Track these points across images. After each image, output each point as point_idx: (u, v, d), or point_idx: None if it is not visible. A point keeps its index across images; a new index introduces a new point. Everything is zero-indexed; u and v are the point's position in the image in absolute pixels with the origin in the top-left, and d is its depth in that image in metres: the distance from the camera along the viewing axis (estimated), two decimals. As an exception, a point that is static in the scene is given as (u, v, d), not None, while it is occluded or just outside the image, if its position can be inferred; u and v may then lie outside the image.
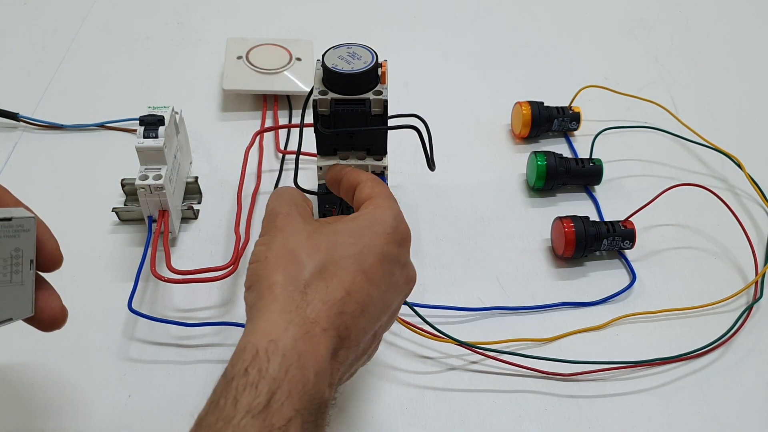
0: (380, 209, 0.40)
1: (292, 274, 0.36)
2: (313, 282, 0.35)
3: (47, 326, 0.38)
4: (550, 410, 0.46)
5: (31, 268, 0.36)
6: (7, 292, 0.35)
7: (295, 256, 0.36)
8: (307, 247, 0.37)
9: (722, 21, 0.83)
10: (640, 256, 0.56)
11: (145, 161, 0.52)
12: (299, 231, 0.38)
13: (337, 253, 0.37)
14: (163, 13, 0.81)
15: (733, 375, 0.48)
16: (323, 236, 0.38)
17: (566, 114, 0.65)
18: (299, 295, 0.35)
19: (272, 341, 0.33)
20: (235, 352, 0.33)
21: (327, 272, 0.36)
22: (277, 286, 0.35)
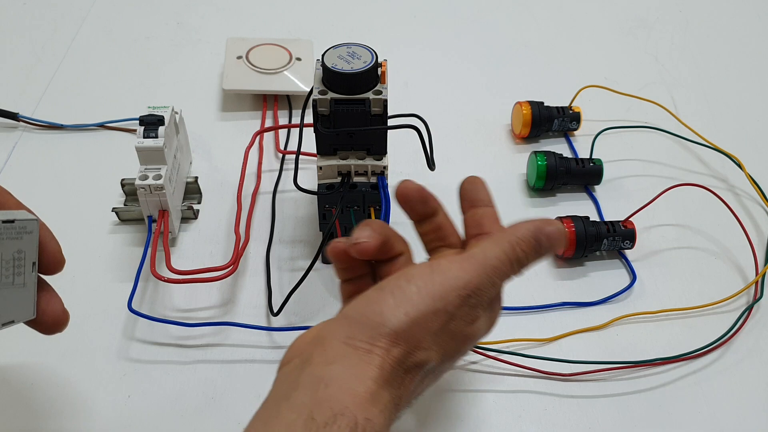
0: (495, 311, 0.38)
1: (408, 354, 0.33)
2: (417, 373, 0.33)
3: (48, 329, 0.38)
4: (551, 410, 0.46)
5: (33, 270, 0.36)
6: (9, 294, 0.35)
7: (423, 338, 0.33)
8: (437, 335, 0.34)
9: (722, 21, 0.83)
10: (641, 256, 0.56)
11: (145, 161, 0.52)
12: (450, 313, 0.34)
13: (447, 361, 0.35)
14: (163, 13, 0.81)
15: (734, 375, 0.48)
16: (453, 335, 0.35)
17: (566, 114, 0.65)
18: (400, 377, 0.33)
19: (369, 421, 0.30)
20: (327, 405, 0.30)
21: (429, 371, 0.34)
22: (390, 354, 0.32)
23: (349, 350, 0.32)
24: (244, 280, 0.53)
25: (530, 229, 0.37)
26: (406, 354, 0.33)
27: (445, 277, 0.35)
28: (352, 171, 0.50)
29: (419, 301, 0.33)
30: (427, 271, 0.35)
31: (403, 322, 0.33)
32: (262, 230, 0.56)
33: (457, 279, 0.35)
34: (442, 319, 0.34)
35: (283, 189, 0.60)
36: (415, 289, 0.34)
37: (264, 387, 0.33)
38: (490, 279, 0.35)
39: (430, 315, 0.33)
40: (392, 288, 0.34)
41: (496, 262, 0.36)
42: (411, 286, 0.34)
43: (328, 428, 0.29)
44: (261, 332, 0.50)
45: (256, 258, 0.55)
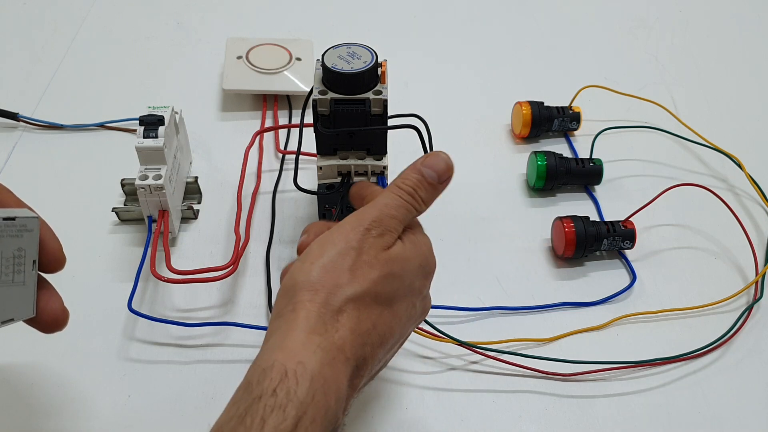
0: (417, 242, 0.40)
1: (330, 295, 0.35)
2: (347, 309, 0.35)
3: (48, 328, 0.38)
4: (551, 410, 0.46)
5: (34, 268, 0.36)
6: (9, 293, 0.35)
7: (339, 276, 0.36)
8: (354, 269, 0.36)
9: (722, 21, 0.83)
10: (641, 256, 0.56)
11: (145, 161, 0.52)
12: (355, 247, 0.37)
13: (376, 287, 0.36)
14: (163, 13, 0.81)
15: (734, 375, 0.48)
16: (370, 262, 0.37)
17: (566, 114, 0.65)
18: (331, 319, 0.34)
19: (301, 363, 0.32)
20: (259, 366, 0.33)
21: (361, 302, 0.36)
22: (312, 303, 0.35)
23: (280, 321, 0.35)
24: (244, 280, 0.53)
25: (410, 168, 0.41)
26: (327, 296, 0.35)
27: (340, 227, 0.38)
28: (352, 171, 0.50)
29: (321, 252, 0.36)
30: (332, 230, 0.38)
31: (311, 273, 0.35)
32: (262, 230, 0.56)
33: (351, 222, 0.38)
34: (350, 255, 0.36)
35: (283, 189, 0.60)
36: (317, 246, 0.37)
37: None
38: (384, 212, 0.38)
39: (335, 256, 0.36)
40: (301, 255, 0.37)
41: (387, 200, 0.39)
42: (313, 245, 0.37)
43: (260, 384, 0.32)
44: (261, 332, 0.50)
45: (256, 258, 0.55)
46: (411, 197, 0.40)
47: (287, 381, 0.32)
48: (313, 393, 0.32)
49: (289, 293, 0.35)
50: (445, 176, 0.41)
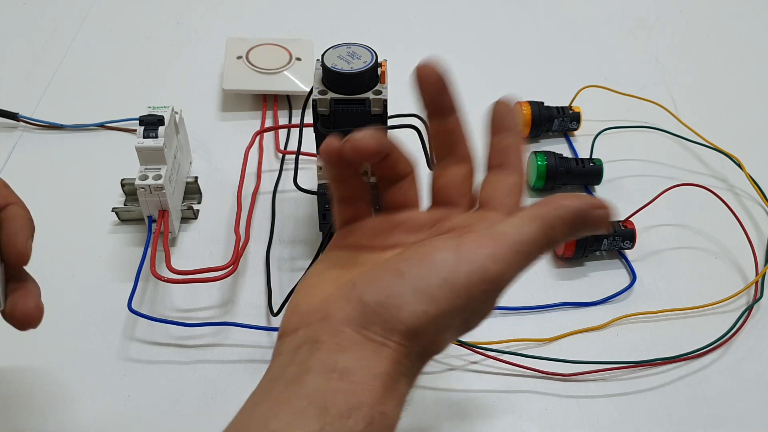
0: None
1: (432, 343, 0.32)
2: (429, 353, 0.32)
3: (20, 324, 0.36)
4: (551, 410, 0.46)
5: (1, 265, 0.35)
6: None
7: (448, 326, 0.31)
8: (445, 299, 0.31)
9: (722, 21, 0.83)
10: (641, 256, 0.56)
11: (145, 161, 0.52)
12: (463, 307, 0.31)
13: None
14: (163, 13, 0.81)
15: (734, 375, 0.48)
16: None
17: (566, 114, 0.65)
18: (417, 368, 0.32)
19: (385, 415, 0.29)
20: (343, 398, 0.29)
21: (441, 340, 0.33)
22: (401, 347, 0.31)
23: (362, 340, 0.30)
24: (244, 280, 0.53)
25: (575, 210, 0.33)
26: (422, 349, 0.31)
27: (472, 268, 0.31)
28: (352, 171, 0.50)
29: (441, 297, 0.30)
30: (452, 258, 0.31)
31: (422, 321, 0.30)
32: (262, 230, 0.56)
33: (485, 271, 0.31)
34: (463, 316, 0.31)
35: (283, 189, 0.60)
36: (438, 283, 0.30)
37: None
38: (519, 266, 0.32)
39: (450, 313, 0.31)
40: (414, 276, 0.31)
41: (530, 246, 0.32)
42: (433, 278, 0.31)
43: (343, 421, 0.28)
44: (261, 332, 0.50)
45: (256, 258, 0.55)
46: (551, 245, 0.33)
47: (371, 430, 0.28)
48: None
49: (387, 322, 0.30)
50: (591, 232, 0.35)
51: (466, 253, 0.31)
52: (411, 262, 0.32)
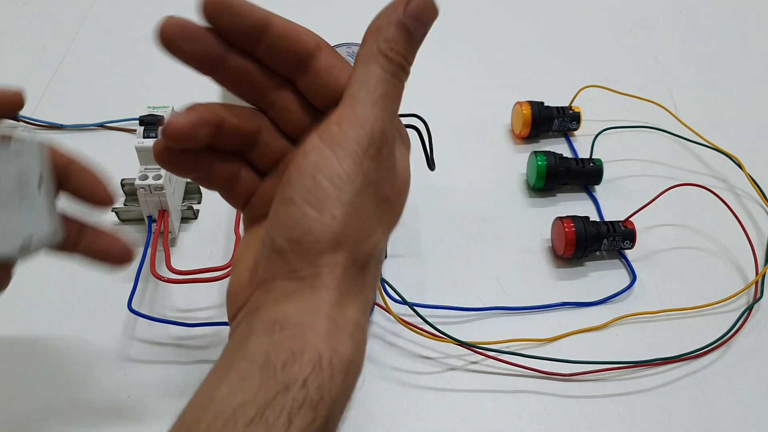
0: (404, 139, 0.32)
1: (355, 251, 0.28)
2: (369, 262, 0.29)
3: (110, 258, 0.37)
4: (551, 410, 0.46)
5: (40, 186, 0.34)
6: (22, 214, 0.34)
7: (364, 225, 0.29)
8: (377, 213, 0.29)
9: (722, 21, 0.83)
10: (641, 256, 0.56)
11: (145, 161, 0.52)
12: (373, 181, 0.29)
13: (393, 217, 0.30)
14: (163, 13, 0.81)
15: (734, 375, 0.48)
16: (388, 197, 0.30)
17: (566, 114, 0.65)
18: (359, 283, 0.28)
19: (336, 351, 0.27)
20: (285, 344, 0.26)
21: (380, 246, 0.30)
22: (338, 267, 0.28)
23: (294, 284, 0.28)
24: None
25: (391, 20, 0.31)
26: (353, 253, 0.28)
27: (345, 150, 0.28)
28: (352, 171, 0.50)
29: (338, 193, 0.28)
30: (325, 151, 0.28)
31: (335, 228, 0.28)
32: (262, 230, 0.56)
33: (359, 138, 0.28)
34: (369, 192, 0.28)
35: (283, 189, 0.60)
36: (327, 182, 0.28)
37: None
38: (386, 112, 0.29)
39: (356, 199, 0.28)
40: (302, 193, 0.28)
41: (381, 88, 0.29)
42: (321, 180, 0.28)
43: (287, 369, 0.26)
44: (261, 332, 0.50)
45: (256, 258, 0.55)
46: (402, 69, 0.31)
47: (321, 372, 0.26)
48: (345, 387, 0.27)
49: (307, 252, 0.28)
50: (429, 26, 0.32)
51: (331, 137, 0.29)
52: (294, 182, 0.29)
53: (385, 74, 0.29)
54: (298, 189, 0.28)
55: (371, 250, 0.29)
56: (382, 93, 0.29)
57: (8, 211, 0.33)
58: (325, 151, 0.28)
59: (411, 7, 0.31)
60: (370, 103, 0.29)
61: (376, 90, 0.29)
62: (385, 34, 0.30)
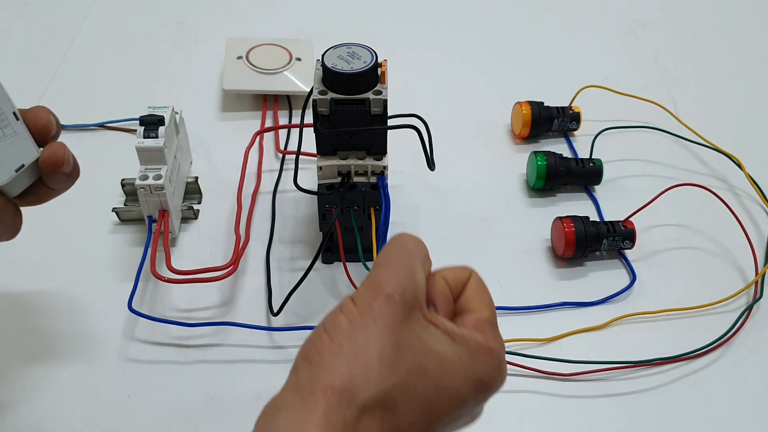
0: (488, 348, 0.32)
1: (354, 387, 0.29)
2: (372, 409, 0.29)
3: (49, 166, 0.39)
4: (551, 410, 0.46)
5: (18, 119, 0.38)
6: (8, 146, 0.37)
7: (368, 366, 0.29)
8: (386, 359, 0.30)
9: (722, 21, 0.83)
10: (640, 256, 0.56)
11: (145, 161, 0.52)
12: (389, 332, 0.30)
13: (414, 386, 0.30)
14: (163, 13, 0.81)
15: (733, 375, 0.48)
16: (410, 352, 0.30)
17: (566, 114, 0.65)
18: (352, 421, 0.29)
19: None
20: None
21: (392, 405, 0.30)
22: (334, 393, 0.29)
23: (293, 395, 0.29)
24: (244, 280, 0.53)
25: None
26: (353, 391, 0.29)
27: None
28: (352, 171, 0.50)
29: (351, 330, 0.30)
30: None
31: (337, 359, 0.29)
32: (262, 230, 0.56)
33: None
34: (386, 338, 0.30)
35: (283, 189, 0.60)
36: (345, 320, 0.30)
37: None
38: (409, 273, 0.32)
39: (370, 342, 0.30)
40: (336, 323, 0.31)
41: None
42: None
43: None
44: (261, 332, 0.50)
45: (256, 258, 0.55)
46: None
47: None
48: None
49: (314, 369, 0.30)
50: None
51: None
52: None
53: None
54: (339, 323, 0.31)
55: (372, 396, 0.29)
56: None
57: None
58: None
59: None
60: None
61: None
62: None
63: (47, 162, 0.38)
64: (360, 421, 0.29)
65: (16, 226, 0.40)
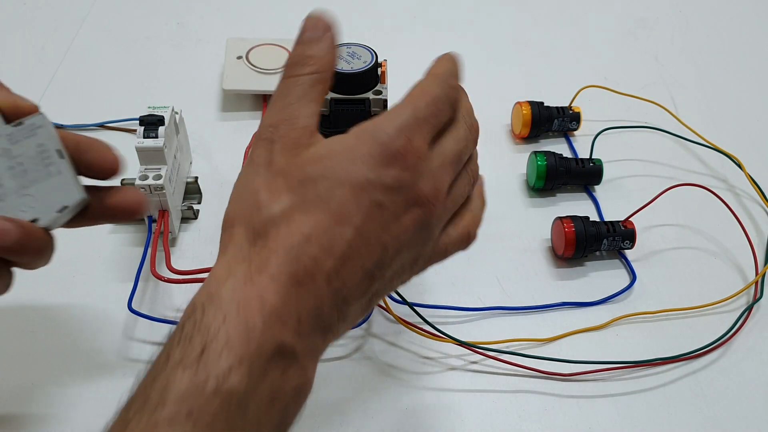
0: (379, 120, 0.33)
1: (249, 218, 0.31)
2: (270, 228, 0.30)
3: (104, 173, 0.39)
4: (551, 410, 0.46)
5: (63, 156, 0.37)
6: (51, 184, 0.36)
7: (256, 196, 0.31)
8: (275, 183, 0.31)
9: (723, 21, 0.83)
10: (641, 256, 0.56)
11: (145, 161, 0.52)
12: (280, 157, 0.32)
13: (307, 192, 0.31)
14: (163, 13, 0.81)
15: (734, 375, 0.48)
16: (282, 171, 0.32)
17: (566, 114, 0.65)
18: (248, 245, 0.30)
19: (210, 295, 0.30)
20: (192, 300, 0.31)
21: (283, 218, 0.30)
22: (235, 232, 0.31)
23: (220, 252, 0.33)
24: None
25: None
26: (248, 223, 0.31)
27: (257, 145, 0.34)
28: (352, 171, 0.50)
29: (238, 181, 0.33)
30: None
31: (230, 205, 0.33)
32: (262, 230, 0.56)
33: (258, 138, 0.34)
34: (260, 172, 0.32)
35: (283, 189, 0.60)
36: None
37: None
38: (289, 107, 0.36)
39: (245, 178, 0.33)
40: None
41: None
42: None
43: (173, 328, 0.30)
44: (261, 332, 0.49)
45: (256, 258, 0.55)
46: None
47: (195, 314, 0.29)
48: (222, 317, 0.28)
49: (224, 228, 0.32)
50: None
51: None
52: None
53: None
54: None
55: (264, 219, 0.31)
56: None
57: (38, 183, 0.36)
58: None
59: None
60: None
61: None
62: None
63: (123, 208, 0.39)
64: (256, 243, 0.30)
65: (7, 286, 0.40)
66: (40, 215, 0.36)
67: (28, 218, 0.36)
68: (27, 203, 0.36)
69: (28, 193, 0.36)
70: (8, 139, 0.37)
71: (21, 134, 0.37)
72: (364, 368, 0.48)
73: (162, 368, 0.28)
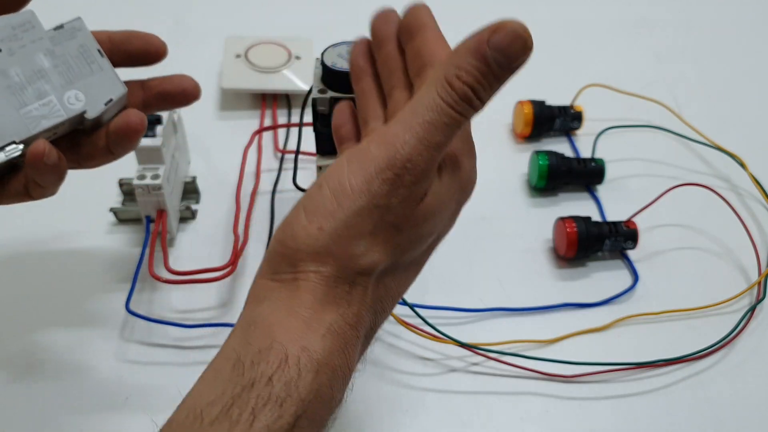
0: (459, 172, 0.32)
1: (342, 267, 0.28)
2: (361, 282, 0.29)
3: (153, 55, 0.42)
4: (552, 412, 0.46)
5: (102, 56, 0.40)
6: (95, 81, 0.39)
7: (355, 245, 0.28)
8: (375, 234, 0.28)
9: (724, 20, 0.82)
10: (643, 256, 0.55)
11: (143, 161, 0.51)
12: (381, 205, 0.28)
13: (401, 255, 0.30)
14: (161, 12, 0.81)
15: (737, 376, 0.48)
16: (397, 225, 0.29)
17: (568, 113, 0.64)
18: (342, 294, 0.28)
19: (305, 350, 0.27)
20: (253, 343, 0.27)
21: (379, 273, 0.29)
22: (319, 275, 0.28)
23: (275, 285, 0.29)
24: (243, 280, 0.53)
25: (469, 49, 0.30)
26: (339, 269, 0.28)
27: (361, 165, 0.28)
28: (352, 171, 0.49)
29: (334, 208, 0.28)
30: (342, 161, 0.29)
31: (320, 240, 0.28)
32: (261, 230, 0.56)
33: (375, 161, 0.28)
34: (372, 216, 0.28)
35: (282, 189, 0.59)
36: (329, 194, 0.28)
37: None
38: (423, 141, 0.28)
39: (353, 220, 0.28)
40: (305, 199, 0.29)
41: (428, 115, 0.28)
42: (325, 189, 0.28)
43: (255, 366, 0.26)
44: (260, 333, 0.49)
45: (254, 258, 0.54)
46: (467, 103, 0.29)
47: (287, 370, 0.26)
48: (317, 387, 0.27)
49: (289, 257, 0.29)
50: (518, 60, 0.30)
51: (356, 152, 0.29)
52: (308, 191, 0.30)
53: (440, 102, 0.28)
54: (306, 194, 0.30)
55: (364, 269, 0.29)
56: (427, 120, 0.28)
57: (84, 79, 0.39)
58: (342, 161, 0.29)
59: (496, 38, 0.31)
60: (406, 127, 0.28)
61: (421, 115, 0.28)
62: (458, 61, 0.29)
63: (180, 91, 0.42)
64: (350, 292, 0.29)
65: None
66: (88, 108, 0.38)
67: (77, 111, 0.38)
68: (75, 96, 0.39)
69: (75, 89, 0.39)
70: (51, 41, 0.41)
71: (63, 36, 0.41)
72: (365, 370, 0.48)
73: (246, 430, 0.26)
